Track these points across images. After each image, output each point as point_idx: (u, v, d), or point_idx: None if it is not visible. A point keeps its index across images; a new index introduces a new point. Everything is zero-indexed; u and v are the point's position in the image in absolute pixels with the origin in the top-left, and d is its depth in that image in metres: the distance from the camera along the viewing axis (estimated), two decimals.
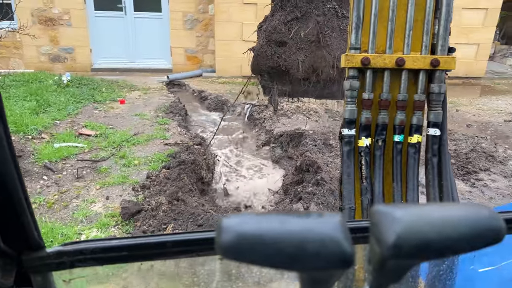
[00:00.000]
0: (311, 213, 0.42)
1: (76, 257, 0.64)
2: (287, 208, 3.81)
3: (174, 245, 0.68)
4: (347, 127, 1.62)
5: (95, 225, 3.55)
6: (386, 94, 1.60)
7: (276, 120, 6.12)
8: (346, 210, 1.57)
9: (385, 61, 1.56)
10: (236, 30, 8.56)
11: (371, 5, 1.56)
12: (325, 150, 4.91)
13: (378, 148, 1.62)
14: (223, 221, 0.40)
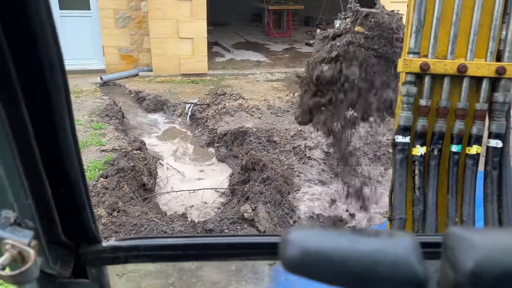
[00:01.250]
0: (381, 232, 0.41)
1: (130, 252, 0.66)
2: (235, 209, 3.74)
3: (226, 247, 0.69)
4: (402, 134, 1.54)
5: None
6: (445, 101, 1.52)
7: (219, 118, 6.02)
8: (396, 221, 1.52)
9: (446, 67, 1.49)
10: (171, 27, 8.30)
11: (434, 7, 1.48)
12: (269, 147, 4.90)
13: (433, 157, 1.55)
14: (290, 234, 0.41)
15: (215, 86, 8.08)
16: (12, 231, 0.53)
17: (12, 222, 0.54)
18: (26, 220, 0.54)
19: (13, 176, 0.51)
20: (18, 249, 0.52)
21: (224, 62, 9.74)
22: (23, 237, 0.53)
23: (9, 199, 0.53)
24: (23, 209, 0.54)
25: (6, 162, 0.50)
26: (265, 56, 10.41)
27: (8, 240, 0.52)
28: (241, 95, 6.90)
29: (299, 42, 12.12)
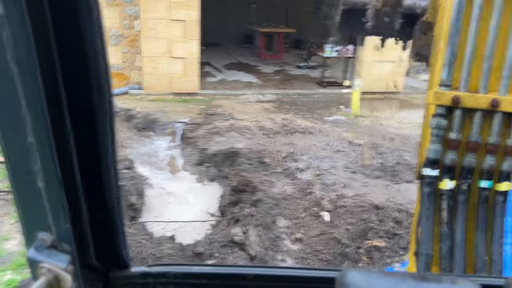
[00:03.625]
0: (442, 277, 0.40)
1: (159, 279, 0.67)
2: (225, 232, 3.68)
3: (254, 279, 0.68)
4: (430, 167, 1.51)
5: (9, 266, 3.14)
6: (475, 135, 1.49)
7: (210, 138, 6.00)
8: (422, 256, 1.48)
9: (478, 101, 1.46)
10: (164, 47, 8.35)
11: (467, 41, 1.46)
12: (260, 169, 4.88)
13: (462, 192, 1.52)
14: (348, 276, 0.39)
15: (206, 105, 8.09)
16: (49, 254, 0.53)
17: (48, 245, 0.54)
18: (63, 244, 0.54)
19: (55, 199, 0.51)
20: (54, 274, 0.52)
21: (216, 82, 9.79)
22: (59, 262, 0.52)
23: (47, 222, 0.53)
24: (61, 232, 0.53)
25: (51, 186, 0.50)
26: (256, 77, 10.50)
27: (45, 264, 0.52)
28: (232, 115, 6.91)
29: (290, 64, 12.28)
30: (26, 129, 0.48)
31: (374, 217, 3.77)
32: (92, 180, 0.55)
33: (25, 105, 0.46)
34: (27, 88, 0.45)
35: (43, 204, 0.52)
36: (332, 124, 7.18)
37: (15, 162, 0.51)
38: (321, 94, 9.38)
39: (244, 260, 3.11)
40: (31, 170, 0.50)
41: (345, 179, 4.79)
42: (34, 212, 0.53)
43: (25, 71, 0.44)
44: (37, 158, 0.49)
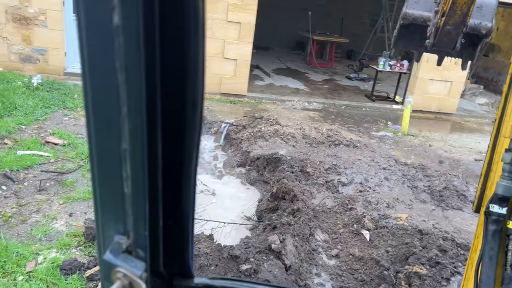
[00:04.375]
0: None
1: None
2: (261, 237, 3.68)
3: None
4: (498, 204, 1.46)
5: (55, 244, 3.30)
6: None
7: (254, 142, 6.02)
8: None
9: None
10: (218, 47, 8.50)
11: None
12: (302, 178, 4.83)
13: None
14: None
15: (252, 108, 8.14)
16: (125, 259, 0.54)
17: (124, 249, 0.54)
18: (138, 250, 0.54)
19: (138, 206, 0.52)
20: (129, 280, 0.52)
21: (263, 86, 9.83)
22: (135, 268, 0.53)
23: (126, 227, 0.54)
24: (139, 239, 0.54)
25: (136, 192, 0.51)
26: (304, 85, 10.45)
27: (121, 268, 0.52)
28: (277, 120, 6.90)
29: (339, 74, 12.12)
30: (122, 135, 0.49)
31: (417, 242, 3.62)
32: (171, 189, 0.55)
33: (126, 112, 0.47)
34: (130, 97, 0.46)
35: (125, 209, 0.53)
36: (379, 140, 7.00)
37: (105, 167, 0.52)
38: (369, 108, 9.18)
39: (279, 269, 3.08)
40: (120, 176, 0.51)
41: (389, 198, 4.65)
42: (114, 215, 0.54)
43: (131, 80, 0.45)
44: (128, 164, 0.50)
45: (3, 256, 3.02)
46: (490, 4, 3.34)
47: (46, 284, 2.87)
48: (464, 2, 2.72)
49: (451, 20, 2.97)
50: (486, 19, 3.32)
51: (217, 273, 2.90)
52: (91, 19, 0.44)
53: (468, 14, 2.93)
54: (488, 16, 3.34)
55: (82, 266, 2.99)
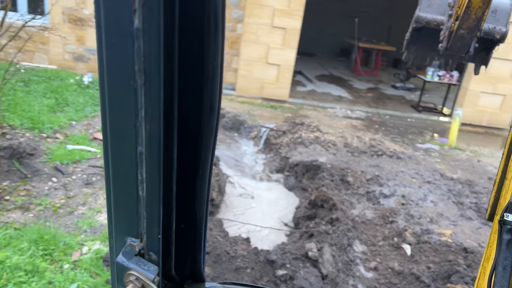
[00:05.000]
0: None
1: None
2: (297, 244, 3.64)
3: None
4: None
5: (98, 237, 3.42)
6: None
7: (293, 148, 5.99)
8: None
9: None
10: (262, 52, 8.55)
11: None
12: (341, 187, 4.75)
13: None
14: None
15: (293, 114, 8.11)
16: (137, 262, 0.53)
17: (136, 252, 0.54)
18: (151, 253, 0.54)
19: (152, 209, 0.51)
20: (142, 283, 0.52)
21: (305, 92, 9.77)
22: (149, 272, 0.52)
23: (140, 230, 0.53)
24: (152, 242, 0.53)
25: (151, 196, 0.51)
26: (347, 92, 10.29)
27: (134, 271, 0.52)
28: (318, 127, 6.84)
29: (384, 83, 11.84)
30: (138, 139, 0.48)
31: (461, 260, 3.45)
32: (185, 192, 0.55)
33: (143, 115, 0.46)
34: (148, 100, 0.45)
35: (139, 212, 0.52)
36: (424, 152, 6.76)
37: (120, 170, 0.51)
38: (415, 119, 8.90)
39: (315, 277, 3.03)
40: (135, 179, 0.50)
41: (433, 213, 4.47)
42: (128, 218, 0.54)
43: (150, 83, 0.45)
44: (144, 168, 0.49)
45: (52, 244, 3.17)
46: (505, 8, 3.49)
47: (90, 273, 2.98)
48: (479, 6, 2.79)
49: (465, 24, 3.06)
50: (500, 23, 3.50)
51: (253, 276, 2.90)
52: (111, 21, 0.44)
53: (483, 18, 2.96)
54: (502, 20, 3.52)
55: None
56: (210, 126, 0.52)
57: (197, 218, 0.58)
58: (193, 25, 0.46)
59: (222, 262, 3.03)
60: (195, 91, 0.50)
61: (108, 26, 0.44)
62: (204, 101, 0.50)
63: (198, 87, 0.49)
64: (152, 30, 0.42)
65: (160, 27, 0.42)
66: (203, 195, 0.57)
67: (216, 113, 0.51)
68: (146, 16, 0.42)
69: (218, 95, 0.51)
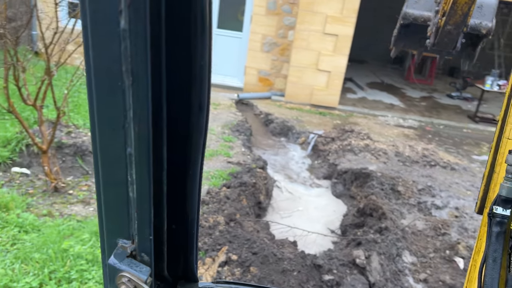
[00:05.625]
0: None
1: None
2: (344, 251, 3.62)
3: None
4: (502, 206, 1.49)
5: None
6: None
7: (342, 155, 5.94)
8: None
9: None
10: (312, 58, 8.56)
11: None
12: (392, 197, 4.65)
13: None
14: None
15: (342, 121, 8.03)
16: (129, 263, 0.53)
17: (128, 253, 0.53)
18: (143, 254, 0.53)
19: (143, 210, 0.51)
20: (134, 284, 0.52)
21: (355, 100, 9.64)
22: (141, 273, 0.52)
23: (131, 231, 0.53)
24: (143, 243, 0.53)
25: (141, 197, 0.50)
26: (399, 100, 10.03)
27: (126, 273, 0.52)
28: (368, 135, 6.73)
29: (439, 92, 11.41)
30: (127, 140, 0.47)
31: None
32: (176, 192, 0.55)
33: (132, 116, 0.46)
34: (136, 100, 0.45)
35: (130, 213, 0.52)
36: (481, 164, 6.44)
37: (110, 172, 0.51)
38: (471, 130, 8.50)
39: (362, 284, 3.01)
40: (123, 180, 0.50)
41: None
42: (119, 220, 0.53)
43: (138, 84, 0.44)
44: (133, 169, 0.49)
45: None
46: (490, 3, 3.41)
47: None
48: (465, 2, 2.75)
49: (452, 19, 3.12)
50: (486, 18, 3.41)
51: (299, 279, 2.93)
52: (97, 22, 0.43)
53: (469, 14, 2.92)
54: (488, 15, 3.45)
55: None
56: (199, 126, 0.51)
57: (188, 219, 0.57)
58: (180, 26, 0.46)
59: (269, 263, 3.08)
60: (184, 91, 0.49)
61: (94, 27, 0.44)
62: (192, 101, 0.50)
63: (187, 87, 0.49)
64: (139, 30, 0.42)
65: (146, 27, 0.42)
66: (194, 195, 0.56)
67: (205, 113, 0.51)
68: (132, 16, 0.42)
69: (207, 95, 0.50)
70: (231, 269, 3.04)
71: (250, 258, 3.08)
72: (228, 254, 3.14)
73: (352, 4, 8.07)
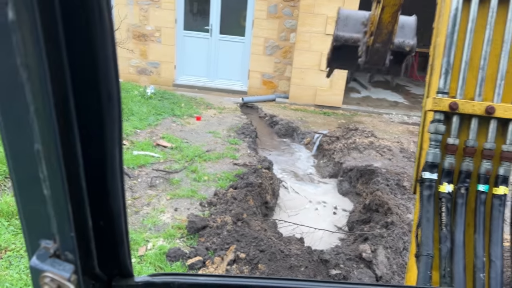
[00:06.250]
0: None
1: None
2: (351, 247, 3.66)
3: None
4: (429, 171, 1.59)
5: (162, 234, 3.68)
6: (472, 141, 1.59)
7: (347, 153, 5.99)
8: (423, 257, 1.53)
9: (474, 107, 1.57)
10: (314, 60, 8.63)
11: (462, 52, 1.60)
12: (397, 192, 4.69)
13: (460, 196, 1.58)
14: None
15: (347, 120, 8.08)
16: (52, 263, 0.52)
17: (51, 253, 0.52)
18: (66, 253, 0.53)
19: (60, 208, 0.50)
20: (57, 283, 0.51)
21: (359, 99, 9.69)
22: (63, 271, 0.51)
23: (51, 230, 0.52)
24: (65, 241, 0.52)
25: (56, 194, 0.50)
26: (403, 98, 10.05)
27: (48, 273, 0.51)
28: (373, 133, 6.77)
29: None
30: (33, 136, 0.46)
31: None
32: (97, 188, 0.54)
33: (34, 111, 0.45)
34: (36, 95, 0.44)
35: (47, 212, 0.51)
36: None
37: (21, 169, 0.50)
38: None
39: (369, 278, 3.05)
40: (36, 177, 0.49)
41: None
42: (38, 219, 0.52)
43: (35, 77, 0.43)
44: (43, 165, 0.48)
45: None
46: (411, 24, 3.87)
47: (154, 267, 3.22)
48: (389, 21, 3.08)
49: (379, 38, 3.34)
50: (408, 37, 3.85)
51: (307, 275, 2.99)
52: None
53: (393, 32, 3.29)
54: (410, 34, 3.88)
55: (184, 255, 3.30)
56: (111, 116, 0.50)
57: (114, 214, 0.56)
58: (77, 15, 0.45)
59: (277, 260, 3.14)
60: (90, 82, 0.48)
61: None
62: (101, 91, 0.48)
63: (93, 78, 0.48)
64: (29, 21, 0.41)
65: (36, 17, 0.41)
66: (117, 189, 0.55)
67: (116, 103, 0.50)
68: (20, 7, 0.40)
69: (115, 84, 0.49)
70: (240, 267, 3.10)
71: (258, 255, 3.14)
72: (236, 253, 3.21)
73: (352, 4, 8.14)
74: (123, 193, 0.57)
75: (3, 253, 3.25)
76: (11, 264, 3.11)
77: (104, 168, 0.53)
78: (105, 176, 0.54)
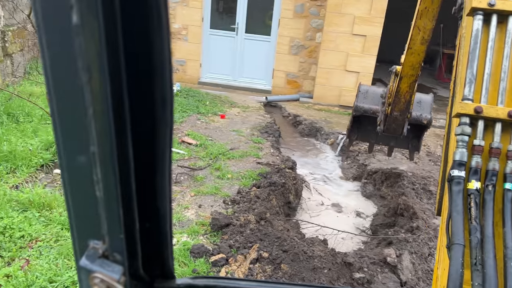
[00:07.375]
0: None
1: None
2: (375, 250, 3.62)
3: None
4: (457, 169, 1.69)
5: (186, 230, 3.72)
6: (497, 143, 1.69)
7: (372, 155, 5.91)
8: (455, 245, 1.58)
9: (498, 112, 1.69)
10: (340, 60, 8.55)
11: (484, 66, 1.74)
12: (423, 196, 4.60)
13: (488, 193, 1.66)
14: None
15: None
16: (101, 264, 0.53)
17: (100, 254, 0.53)
18: (115, 254, 0.53)
19: (112, 209, 0.51)
20: (107, 284, 0.52)
21: None
22: (113, 273, 0.52)
23: (101, 231, 0.53)
24: (115, 242, 0.53)
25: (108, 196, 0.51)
26: None
27: (98, 273, 0.52)
28: None
29: None
30: (90, 138, 0.47)
31: None
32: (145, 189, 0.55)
33: (92, 114, 0.46)
34: (95, 98, 0.45)
35: (99, 213, 0.52)
36: None
37: (75, 172, 0.51)
38: None
39: (393, 282, 3.01)
40: (91, 180, 0.50)
41: None
42: (88, 220, 0.53)
43: (95, 80, 0.44)
44: (98, 167, 0.49)
45: None
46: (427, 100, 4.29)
47: (178, 263, 3.27)
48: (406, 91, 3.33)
49: (397, 107, 3.53)
50: (425, 111, 4.17)
51: (330, 277, 2.97)
52: (49, 19, 0.43)
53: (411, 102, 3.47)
54: (427, 109, 4.22)
55: (208, 252, 3.33)
56: (164, 119, 0.51)
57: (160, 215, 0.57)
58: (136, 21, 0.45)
59: (300, 261, 3.14)
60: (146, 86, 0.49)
61: (47, 24, 0.43)
62: (156, 96, 0.49)
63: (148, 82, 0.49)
64: (92, 25, 0.42)
65: (100, 22, 0.42)
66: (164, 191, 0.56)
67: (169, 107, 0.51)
68: (85, 11, 0.41)
69: (169, 88, 0.50)
70: (262, 266, 3.11)
71: (281, 255, 3.15)
72: (259, 252, 3.22)
73: (380, 4, 8.02)
74: (170, 195, 0.58)
75: (34, 243, 3.36)
76: (41, 254, 3.21)
77: (153, 171, 0.54)
78: (154, 179, 0.55)
